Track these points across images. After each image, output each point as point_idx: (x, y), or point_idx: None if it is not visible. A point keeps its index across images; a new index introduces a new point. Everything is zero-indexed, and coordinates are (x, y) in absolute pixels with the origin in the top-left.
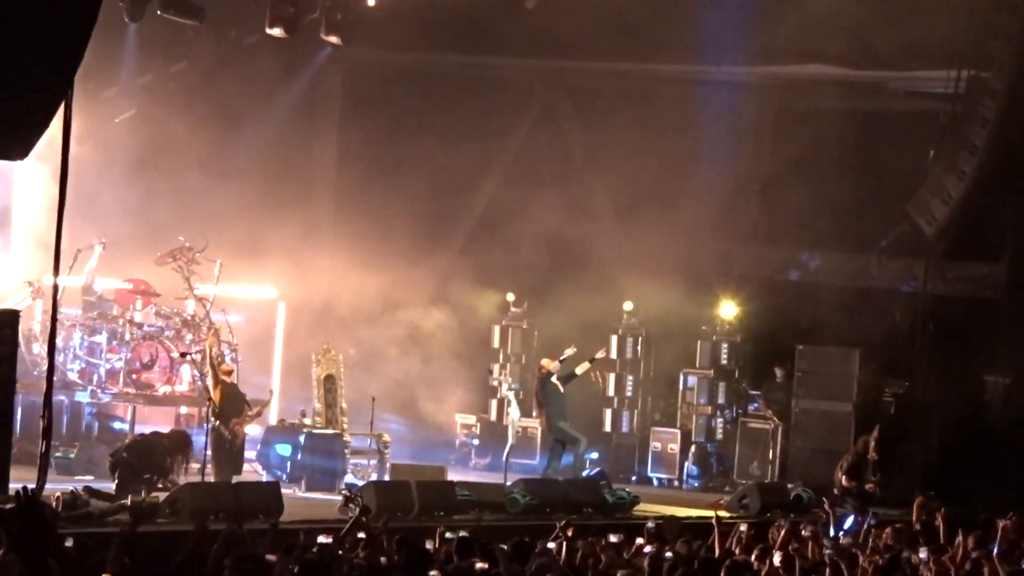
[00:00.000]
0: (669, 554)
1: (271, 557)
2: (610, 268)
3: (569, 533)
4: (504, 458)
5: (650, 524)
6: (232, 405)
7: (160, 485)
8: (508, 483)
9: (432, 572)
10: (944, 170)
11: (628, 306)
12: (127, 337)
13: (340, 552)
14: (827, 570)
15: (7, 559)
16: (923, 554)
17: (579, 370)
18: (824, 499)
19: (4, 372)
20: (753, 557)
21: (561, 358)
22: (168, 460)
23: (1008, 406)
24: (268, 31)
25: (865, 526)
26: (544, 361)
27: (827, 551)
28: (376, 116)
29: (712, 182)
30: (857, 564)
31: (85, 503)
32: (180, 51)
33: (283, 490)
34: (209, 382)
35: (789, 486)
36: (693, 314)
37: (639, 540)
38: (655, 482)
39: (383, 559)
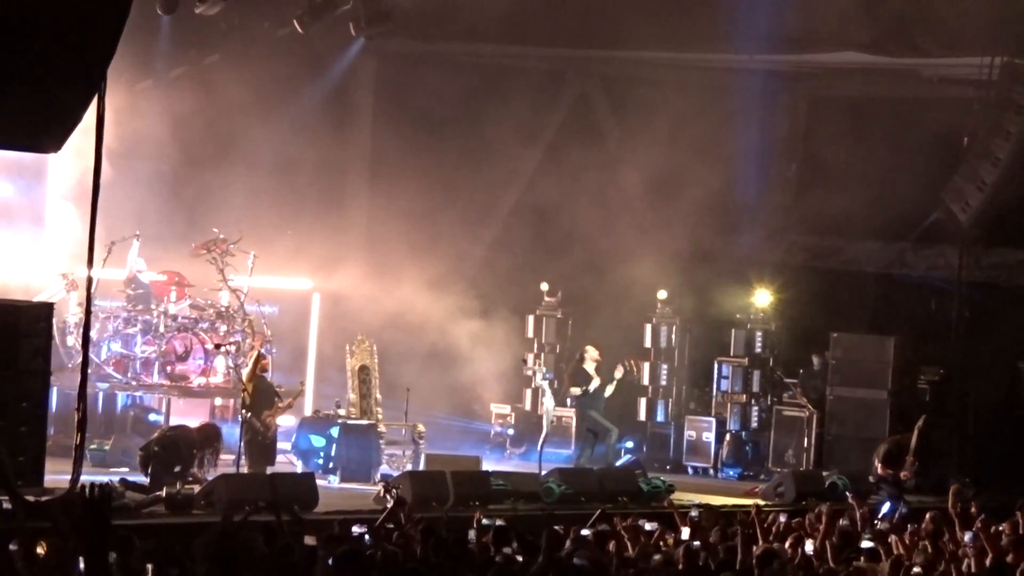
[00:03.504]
0: (697, 543)
1: (310, 540)
2: (644, 256)
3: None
4: (539, 448)
5: (694, 513)
6: (263, 398)
7: (190, 478)
8: (543, 472)
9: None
10: (978, 157)
11: (662, 295)
12: (161, 329)
13: (375, 542)
14: (862, 558)
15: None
16: (967, 537)
17: (608, 391)
18: (848, 494)
19: (39, 365)
20: (788, 545)
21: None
22: (196, 453)
23: None
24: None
25: (897, 514)
26: (588, 348)
27: (866, 536)
28: (409, 106)
29: (746, 170)
30: (893, 551)
31: (120, 495)
32: (213, 43)
33: (318, 481)
34: (245, 373)
35: (824, 474)
36: (727, 302)
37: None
38: (690, 471)
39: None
